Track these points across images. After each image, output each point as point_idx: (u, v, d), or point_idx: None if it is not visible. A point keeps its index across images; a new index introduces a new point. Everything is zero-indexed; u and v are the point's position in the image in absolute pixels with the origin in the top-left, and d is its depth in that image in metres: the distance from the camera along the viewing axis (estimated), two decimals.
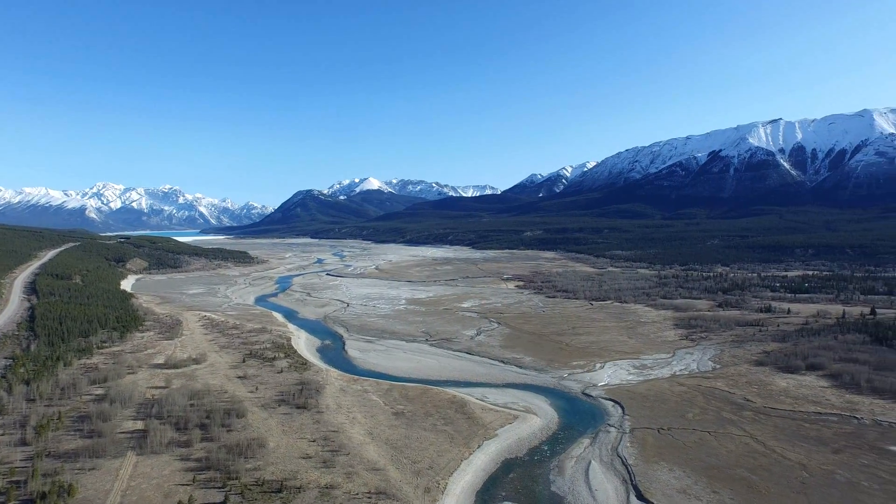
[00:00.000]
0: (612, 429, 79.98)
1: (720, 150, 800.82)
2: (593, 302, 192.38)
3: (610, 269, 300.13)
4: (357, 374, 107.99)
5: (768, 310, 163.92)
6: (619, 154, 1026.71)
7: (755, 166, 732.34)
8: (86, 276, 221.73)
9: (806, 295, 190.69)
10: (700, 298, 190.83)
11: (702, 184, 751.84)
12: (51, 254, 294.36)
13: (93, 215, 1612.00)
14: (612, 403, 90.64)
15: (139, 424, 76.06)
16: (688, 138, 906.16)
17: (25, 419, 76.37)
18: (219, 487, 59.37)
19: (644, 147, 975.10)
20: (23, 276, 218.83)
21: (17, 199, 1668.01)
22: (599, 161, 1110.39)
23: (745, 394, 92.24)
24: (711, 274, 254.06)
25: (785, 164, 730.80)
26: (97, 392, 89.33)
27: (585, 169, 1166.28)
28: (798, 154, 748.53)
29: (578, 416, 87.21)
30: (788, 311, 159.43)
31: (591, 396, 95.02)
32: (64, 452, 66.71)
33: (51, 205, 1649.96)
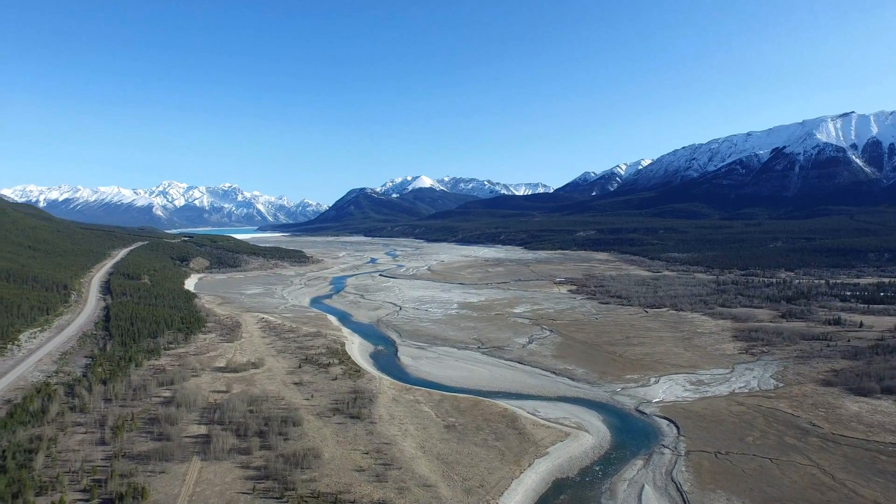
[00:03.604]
0: (667, 450, 78.02)
1: (784, 147, 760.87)
2: (648, 309, 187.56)
3: (665, 272, 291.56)
4: (409, 383, 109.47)
5: (837, 322, 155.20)
6: (674, 152, 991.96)
7: (823, 163, 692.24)
8: (153, 275, 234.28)
9: (881, 306, 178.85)
10: (761, 307, 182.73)
11: (763, 182, 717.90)
12: (122, 253, 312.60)
13: (159, 213, 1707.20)
14: (667, 422, 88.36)
15: (203, 429, 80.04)
16: (748, 135, 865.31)
17: (104, 419, 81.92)
18: (276, 498, 61.81)
19: (702, 144, 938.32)
20: (98, 275, 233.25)
21: (93, 198, 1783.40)
22: (654, 159, 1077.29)
23: (811, 417, 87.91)
24: (774, 280, 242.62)
25: (857, 160, 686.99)
26: (164, 394, 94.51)
27: (640, 167, 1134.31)
28: (873, 149, 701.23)
29: (631, 434, 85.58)
30: (861, 325, 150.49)
31: (645, 414, 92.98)
32: (137, 454, 71.06)
33: (122, 203, 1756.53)
